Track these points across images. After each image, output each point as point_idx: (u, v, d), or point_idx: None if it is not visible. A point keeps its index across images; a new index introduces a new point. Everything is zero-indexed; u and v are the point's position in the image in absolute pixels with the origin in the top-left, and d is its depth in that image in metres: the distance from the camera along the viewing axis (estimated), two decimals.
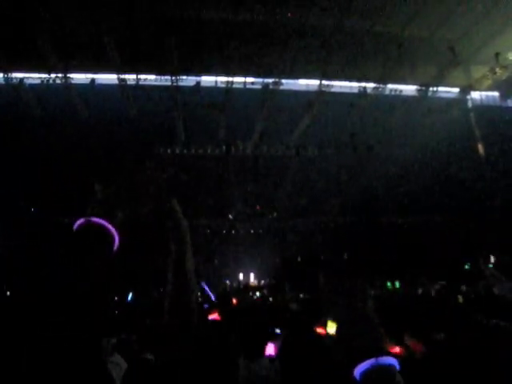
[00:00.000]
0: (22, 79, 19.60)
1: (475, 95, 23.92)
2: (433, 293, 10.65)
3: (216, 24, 18.63)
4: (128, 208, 1.01)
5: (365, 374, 0.93)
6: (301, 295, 11.32)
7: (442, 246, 19.10)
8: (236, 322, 3.83)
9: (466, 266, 17.48)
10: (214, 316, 4.72)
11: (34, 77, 19.98)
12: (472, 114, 23.95)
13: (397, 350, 3.72)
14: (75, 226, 0.92)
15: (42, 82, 19.72)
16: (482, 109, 23.74)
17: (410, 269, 16.18)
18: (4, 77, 19.27)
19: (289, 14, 18.37)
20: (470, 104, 24.24)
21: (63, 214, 21.03)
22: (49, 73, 19.46)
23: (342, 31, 19.10)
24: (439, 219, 21.88)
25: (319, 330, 3.87)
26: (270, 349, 3.50)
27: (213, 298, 8.02)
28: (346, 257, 21.92)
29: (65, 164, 20.52)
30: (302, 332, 3.20)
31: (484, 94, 24.05)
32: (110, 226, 0.92)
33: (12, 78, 19.38)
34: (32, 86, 19.96)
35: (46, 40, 17.72)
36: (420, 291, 12.28)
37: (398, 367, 0.96)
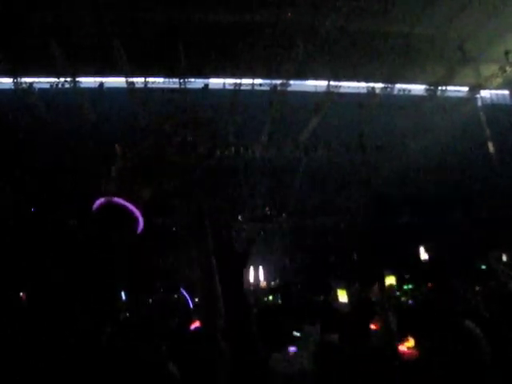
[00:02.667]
0: (31, 83, 19.70)
1: (485, 94, 23.72)
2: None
3: (223, 26, 18.63)
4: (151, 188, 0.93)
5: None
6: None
7: (455, 246, 19.00)
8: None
9: (483, 267, 17.29)
10: (196, 325, 4.48)
11: (43, 81, 20.09)
12: (482, 113, 23.78)
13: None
14: (95, 206, 0.84)
15: (51, 86, 19.83)
16: (492, 107, 23.57)
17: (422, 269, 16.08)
18: (13, 81, 19.40)
19: (288, 14, 18.22)
20: (479, 103, 24.07)
21: (71, 217, 21.17)
22: (57, 77, 19.56)
23: (350, 31, 19.00)
24: (449, 218, 21.79)
25: (373, 327, 3.89)
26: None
27: (190, 305, 7.75)
28: (355, 257, 21.86)
29: (74, 167, 20.64)
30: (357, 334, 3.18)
31: (494, 92, 23.85)
32: (134, 208, 0.85)
33: (21, 83, 19.50)
34: (41, 90, 20.05)
35: (55, 44, 17.81)
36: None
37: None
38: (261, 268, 21.94)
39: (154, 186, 0.94)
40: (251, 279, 21.72)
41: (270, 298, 14.48)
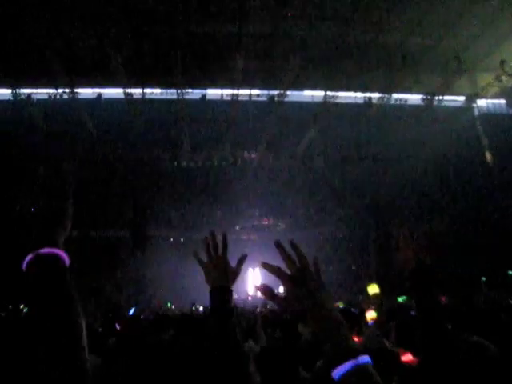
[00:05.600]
0: (29, 95, 19.80)
1: (481, 103, 23.77)
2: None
3: (221, 37, 18.74)
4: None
5: (344, 375, 0.90)
6: None
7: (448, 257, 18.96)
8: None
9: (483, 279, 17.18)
10: None
11: (41, 92, 20.18)
12: (478, 122, 23.80)
13: (409, 357, 3.63)
14: (25, 265, 0.88)
15: (50, 97, 19.92)
16: (489, 117, 23.58)
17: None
18: (12, 92, 19.49)
19: (288, 14, 18.15)
20: (476, 112, 24.09)
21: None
22: (56, 88, 19.65)
23: (346, 42, 19.12)
24: (446, 228, 21.73)
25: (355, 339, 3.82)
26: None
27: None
28: (353, 267, 21.80)
29: (72, 178, 20.60)
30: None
31: (490, 101, 23.90)
32: (58, 251, 0.89)
33: (20, 94, 19.60)
34: (39, 101, 20.12)
35: (53, 56, 17.91)
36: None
37: (372, 363, 0.93)
38: (259, 278, 21.84)
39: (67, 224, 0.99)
40: (249, 290, 21.62)
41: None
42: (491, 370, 2.31)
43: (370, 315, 5.55)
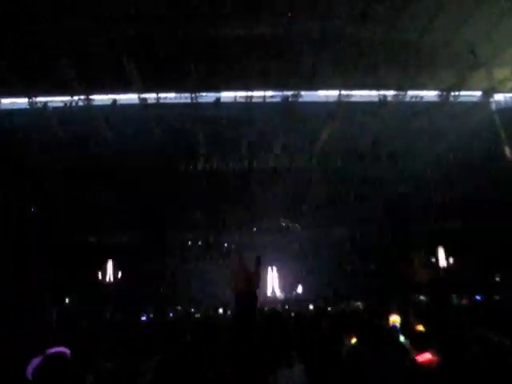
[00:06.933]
0: (45, 103, 20.00)
1: (499, 97, 23.42)
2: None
3: (233, 39, 18.70)
4: None
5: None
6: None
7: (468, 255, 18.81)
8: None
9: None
10: None
11: (56, 100, 20.38)
12: (496, 117, 23.42)
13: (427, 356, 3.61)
14: (31, 371, 0.93)
15: (65, 104, 20.11)
16: (507, 111, 23.22)
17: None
18: (28, 101, 19.73)
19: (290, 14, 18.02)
20: (493, 107, 23.71)
21: (88, 234, 21.35)
22: (71, 96, 19.84)
23: (360, 40, 18.97)
24: (465, 226, 21.52)
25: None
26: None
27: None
28: (372, 268, 21.67)
29: (89, 185, 20.87)
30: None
31: (508, 95, 23.55)
32: (62, 349, 0.97)
33: (36, 103, 19.81)
34: (55, 109, 20.32)
35: (67, 63, 18.06)
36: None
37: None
38: (277, 278, 21.84)
39: None
40: (268, 291, 21.63)
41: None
42: (507, 363, 2.27)
43: (393, 318, 5.51)
